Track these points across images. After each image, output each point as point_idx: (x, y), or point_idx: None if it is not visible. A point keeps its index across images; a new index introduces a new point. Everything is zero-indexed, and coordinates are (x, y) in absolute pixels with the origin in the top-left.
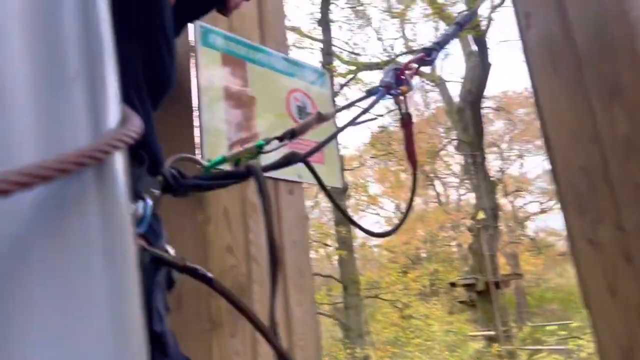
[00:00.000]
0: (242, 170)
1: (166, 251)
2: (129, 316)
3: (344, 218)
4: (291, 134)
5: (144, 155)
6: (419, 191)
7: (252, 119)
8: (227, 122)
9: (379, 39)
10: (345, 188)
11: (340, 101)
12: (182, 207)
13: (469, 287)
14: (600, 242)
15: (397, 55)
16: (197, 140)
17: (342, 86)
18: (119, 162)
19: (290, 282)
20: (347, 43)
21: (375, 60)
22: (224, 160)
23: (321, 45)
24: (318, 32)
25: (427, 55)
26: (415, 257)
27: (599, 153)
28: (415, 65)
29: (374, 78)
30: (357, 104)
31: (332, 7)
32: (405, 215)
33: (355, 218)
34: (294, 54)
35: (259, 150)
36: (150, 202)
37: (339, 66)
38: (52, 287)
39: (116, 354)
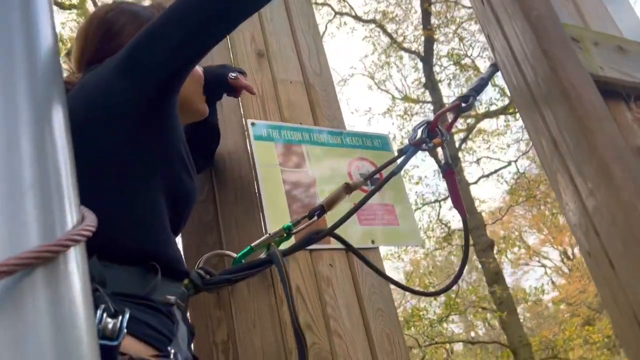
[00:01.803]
0: (264, 259)
1: (166, 355)
2: None
3: (497, 277)
4: (320, 210)
5: (156, 266)
6: None
7: (315, 197)
8: (290, 205)
9: (493, 84)
10: (492, 244)
11: (465, 155)
12: (257, 292)
13: None
14: (593, 251)
15: None
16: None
17: (462, 141)
18: (74, 257)
19: (379, 350)
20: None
21: (493, 108)
22: (251, 249)
23: (431, 106)
24: (427, 96)
25: (464, 102)
26: (599, 305)
27: (562, 159)
28: (451, 115)
29: (498, 124)
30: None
31: (436, 68)
32: (462, 267)
33: (518, 273)
34: (406, 122)
35: (287, 232)
36: (127, 315)
37: (458, 123)
38: None
39: None
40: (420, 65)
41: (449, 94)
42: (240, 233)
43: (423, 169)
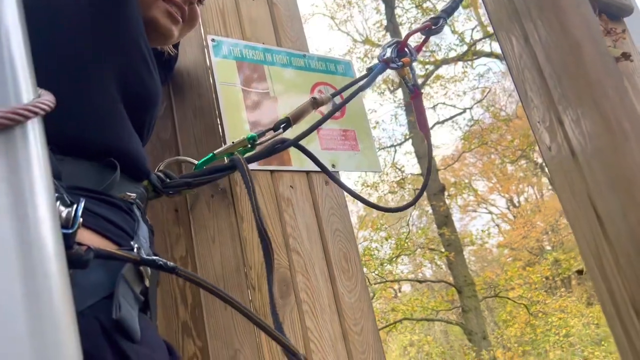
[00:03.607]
0: (227, 164)
1: (129, 249)
2: (37, 291)
3: (447, 220)
4: (286, 123)
5: (115, 163)
6: (531, 180)
7: (275, 118)
8: (250, 125)
9: (453, 31)
10: (443, 188)
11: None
12: (217, 209)
13: None
14: (555, 145)
15: (475, 42)
16: None
17: (422, 85)
18: (32, 132)
19: (336, 269)
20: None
21: (452, 54)
22: (214, 157)
23: None
24: (387, 39)
25: (434, 25)
26: (539, 250)
27: (533, 52)
28: (422, 36)
29: (455, 71)
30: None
31: (397, 10)
32: (424, 187)
33: (465, 219)
34: (366, 65)
35: (251, 142)
36: (82, 204)
37: (416, 67)
38: None
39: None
40: (382, 7)
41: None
42: (199, 151)
43: (380, 114)
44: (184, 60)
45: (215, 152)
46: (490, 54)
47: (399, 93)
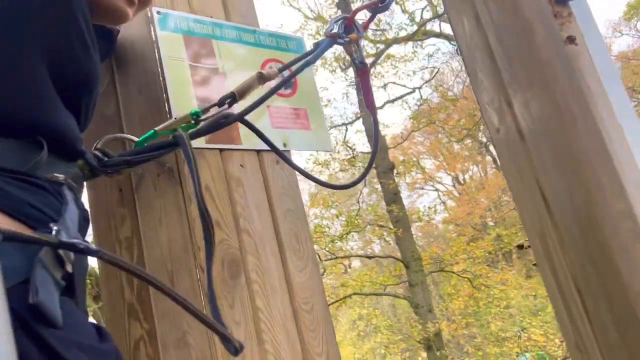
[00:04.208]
0: (169, 141)
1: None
2: None
3: (396, 197)
4: (231, 98)
5: (41, 141)
6: (476, 159)
7: (224, 94)
8: (198, 101)
9: (403, 10)
10: (392, 167)
11: (373, 81)
12: (164, 189)
13: None
14: (503, 126)
15: (425, 22)
16: None
17: (372, 65)
18: None
19: (287, 249)
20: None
21: (402, 34)
22: (155, 133)
23: None
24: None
25: (381, 2)
26: (482, 226)
27: (484, 34)
28: (368, 13)
29: (405, 51)
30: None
31: None
32: (370, 163)
33: (413, 196)
34: (314, 41)
35: (195, 118)
36: None
37: (368, 46)
38: None
39: None
40: None
41: (360, 16)
42: (144, 129)
43: (332, 91)
44: (127, 33)
45: (156, 128)
46: (439, 35)
47: (350, 71)
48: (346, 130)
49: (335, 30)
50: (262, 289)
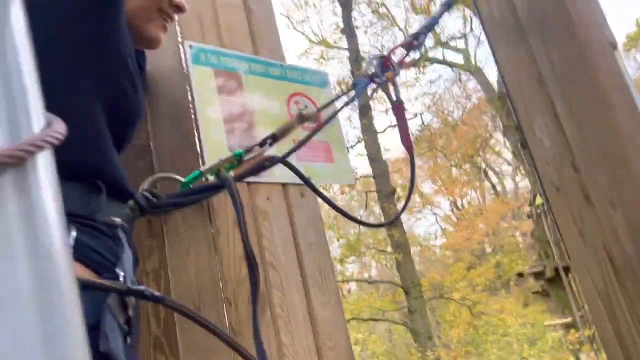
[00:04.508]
0: (216, 183)
1: (114, 278)
2: (57, 326)
3: (396, 222)
4: (272, 139)
5: (101, 185)
6: (474, 184)
7: (252, 128)
8: (227, 134)
9: (406, 37)
10: (393, 191)
11: (375, 105)
12: (192, 221)
13: (537, 275)
14: (565, 186)
15: (427, 50)
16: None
17: (374, 90)
18: (43, 165)
19: (311, 283)
20: (374, 47)
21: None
22: (200, 174)
23: (347, 54)
24: (344, 42)
25: (415, 39)
26: (480, 252)
27: (548, 97)
28: (404, 51)
29: (407, 77)
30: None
31: (354, 14)
32: (406, 202)
33: (410, 220)
34: (322, 66)
35: (238, 159)
36: (74, 233)
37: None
38: None
39: None
40: (338, 10)
41: (365, 41)
42: (174, 159)
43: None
44: (159, 64)
45: (201, 169)
46: (442, 61)
47: (352, 95)
48: (348, 152)
49: (372, 71)
50: (287, 324)
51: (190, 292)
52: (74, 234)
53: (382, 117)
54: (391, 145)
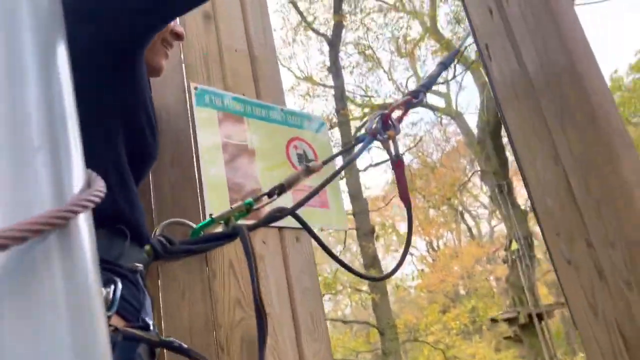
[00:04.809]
0: (229, 232)
1: (145, 326)
2: None
3: (374, 261)
4: (280, 189)
5: (125, 230)
6: (451, 226)
7: (253, 171)
8: (228, 176)
9: (390, 79)
10: (372, 229)
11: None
12: (189, 264)
13: (511, 321)
14: (576, 259)
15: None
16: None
17: (358, 129)
18: (84, 224)
19: (304, 330)
20: (359, 87)
21: (389, 100)
22: (212, 221)
23: (333, 92)
24: (330, 80)
25: (414, 98)
26: (454, 294)
27: (562, 172)
28: (402, 109)
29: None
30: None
31: (341, 54)
32: (404, 255)
33: (387, 259)
34: (307, 103)
35: (248, 208)
36: (120, 285)
37: (354, 110)
38: (17, 348)
39: None
40: (325, 48)
41: (349, 81)
42: (174, 199)
43: None
44: (163, 102)
45: (214, 216)
46: (424, 105)
47: (336, 132)
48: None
49: (374, 126)
50: None
51: (184, 335)
52: (120, 285)
53: (364, 155)
54: (371, 183)
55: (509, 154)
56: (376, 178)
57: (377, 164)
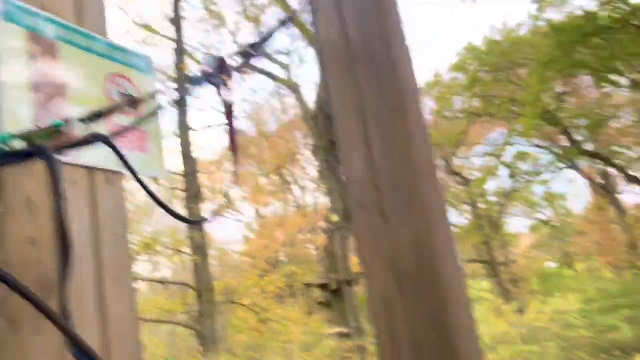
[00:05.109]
0: (29, 150)
1: None
2: None
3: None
4: (96, 115)
5: None
6: (278, 195)
7: (63, 103)
8: (34, 105)
9: (235, 42)
10: (198, 192)
11: (191, 102)
12: None
13: (323, 287)
14: (367, 203)
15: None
16: None
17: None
18: None
19: (108, 276)
20: (202, 44)
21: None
22: (9, 137)
23: (174, 44)
24: (171, 31)
25: (253, 50)
26: (276, 261)
27: (363, 125)
28: (240, 59)
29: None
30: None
31: (184, 5)
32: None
33: (213, 223)
34: (143, 51)
35: (57, 130)
36: None
37: (193, 66)
38: None
39: None
40: None
41: (192, 35)
42: None
43: None
44: None
45: (14, 132)
46: (266, 73)
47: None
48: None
49: (207, 69)
50: (76, 318)
51: None
52: None
53: (200, 115)
54: (205, 145)
55: None
56: (213, 140)
57: (212, 127)
